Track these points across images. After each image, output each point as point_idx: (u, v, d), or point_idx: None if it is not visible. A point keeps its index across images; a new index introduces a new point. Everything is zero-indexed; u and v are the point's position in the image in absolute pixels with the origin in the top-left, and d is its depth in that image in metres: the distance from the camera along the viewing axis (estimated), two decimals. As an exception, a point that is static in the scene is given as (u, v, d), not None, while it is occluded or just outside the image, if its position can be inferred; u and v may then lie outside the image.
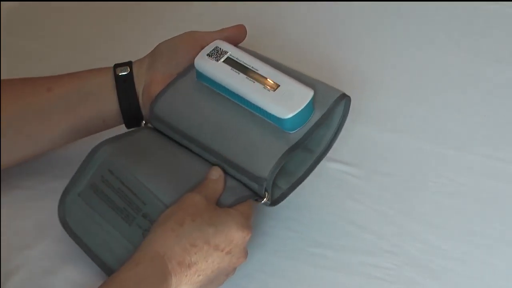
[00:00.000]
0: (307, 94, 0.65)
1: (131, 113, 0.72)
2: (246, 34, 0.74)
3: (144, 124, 0.72)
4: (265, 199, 0.66)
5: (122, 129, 0.73)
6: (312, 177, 0.74)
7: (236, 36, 0.73)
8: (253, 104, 0.66)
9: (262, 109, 0.65)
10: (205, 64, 0.68)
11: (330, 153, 0.80)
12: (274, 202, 0.68)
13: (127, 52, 0.93)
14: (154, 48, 0.73)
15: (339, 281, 0.69)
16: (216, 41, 0.70)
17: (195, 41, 0.71)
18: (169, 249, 0.59)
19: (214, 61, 0.67)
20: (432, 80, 0.90)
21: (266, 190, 0.65)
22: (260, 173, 0.64)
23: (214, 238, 0.61)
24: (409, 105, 0.86)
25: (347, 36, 0.96)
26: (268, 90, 0.65)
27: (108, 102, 0.72)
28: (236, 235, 0.62)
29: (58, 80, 0.73)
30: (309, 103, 0.65)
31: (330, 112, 0.68)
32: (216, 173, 0.65)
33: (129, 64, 0.73)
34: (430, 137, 0.83)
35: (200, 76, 0.69)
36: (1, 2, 0.98)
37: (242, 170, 0.65)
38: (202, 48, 0.70)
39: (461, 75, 0.90)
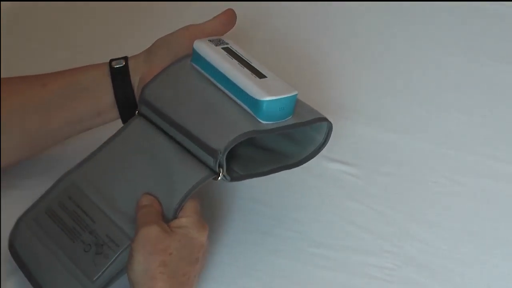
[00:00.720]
0: (291, 90, 0.66)
1: (127, 106, 0.72)
2: (236, 17, 0.75)
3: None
4: (221, 175, 0.64)
5: (118, 124, 0.73)
6: (312, 177, 0.74)
7: (229, 20, 0.74)
8: (237, 86, 0.66)
9: (243, 91, 0.66)
10: (204, 46, 0.69)
11: (330, 153, 0.80)
12: (233, 178, 0.67)
13: (127, 52, 0.93)
14: (152, 44, 0.74)
15: (339, 281, 0.69)
16: (222, 36, 0.72)
17: (190, 34, 0.72)
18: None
19: (213, 45, 0.69)
20: (432, 80, 0.90)
21: (220, 165, 0.64)
22: (216, 146, 0.63)
23: (192, 257, 0.62)
24: (409, 105, 0.86)
25: (347, 36, 0.96)
26: (255, 77, 0.66)
27: (104, 95, 0.72)
28: (201, 241, 0.63)
29: (53, 75, 0.73)
30: (289, 99, 0.65)
31: (309, 124, 0.67)
32: (146, 199, 0.64)
33: (124, 58, 0.73)
34: (430, 137, 0.83)
35: (196, 57, 0.70)
36: (1, 2, 0.98)
37: (201, 143, 0.65)
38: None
39: (461, 75, 0.90)
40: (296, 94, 0.66)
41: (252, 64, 0.68)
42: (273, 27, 0.97)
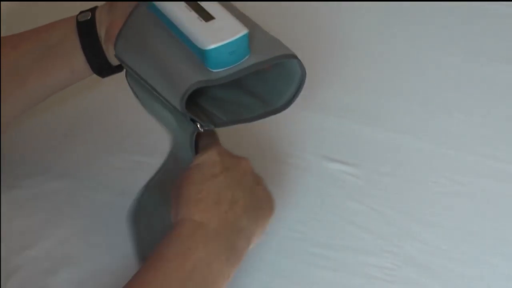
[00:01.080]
0: (238, 30, 0.61)
1: (97, 60, 0.70)
2: None
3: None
4: (199, 127, 0.63)
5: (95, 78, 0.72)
6: (312, 177, 0.74)
7: None
8: (183, 34, 0.62)
9: (189, 39, 0.62)
10: None
11: (330, 153, 0.80)
12: (217, 125, 0.66)
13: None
14: None
15: (339, 281, 0.69)
16: None
17: None
18: (184, 212, 0.60)
19: None
20: (432, 80, 0.90)
21: (193, 120, 0.63)
22: (175, 104, 0.62)
23: (202, 175, 0.62)
24: (409, 105, 0.86)
25: (347, 36, 0.96)
26: (201, 20, 0.61)
27: (73, 51, 0.70)
28: (208, 157, 0.63)
29: (23, 36, 0.72)
30: (238, 41, 0.61)
31: (270, 62, 0.63)
32: None
33: (92, 10, 0.71)
34: (430, 137, 0.83)
35: (150, 5, 0.66)
36: (1, 2, 0.98)
37: (166, 100, 0.63)
38: None
39: (461, 75, 0.90)
40: (247, 33, 0.61)
41: (202, 4, 0.63)
42: (273, 27, 0.97)
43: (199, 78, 0.60)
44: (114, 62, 0.70)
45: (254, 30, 0.65)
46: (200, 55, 0.61)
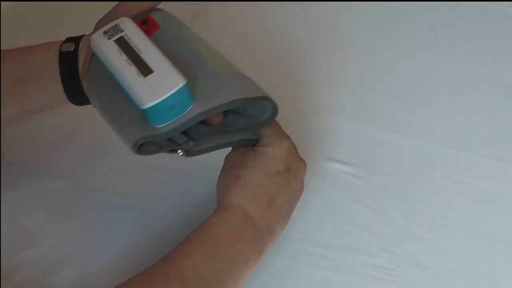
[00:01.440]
0: (176, 83, 0.60)
1: (74, 91, 0.70)
2: None
3: None
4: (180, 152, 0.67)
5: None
6: (312, 177, 0.74)
7: None
8: (125, 90, 0.62)
9: (129, 96, 0.62)
10: (97, 42, 0.64)
11: (330, 153, 0.80)
12: (188, 154, 0.67)
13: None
14: (95, 24, 0.71)
15: (339, 281, 0.69)
16: (121, 18, 0.66)
17: (123, 12, 0.68)
18: (241, 198, 0.64)
19: (106, 39, 0.64)
20: (432, 80, 0.90)
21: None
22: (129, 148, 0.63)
23: (268, 167, 0.65)
24: (409, 105, 0.86)
25: (347, 36, 0.96)
26: (139, 75, 0.60)
27: (52, 78, 0.70)
28: (280, 154, 0.66)
29: (7, 54, 0.72)
30: (177, 94, 0.60)
31: (213, 112, 0.62)
32: None
33: (77, 40, 0.70)
34: (430, 137, 0.83)
35: (94, 53, 0.66)
36: (1, 2, 0.98)
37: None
38: (131, 16, 0.67)
39: (461, 75, 0.90)
40: (185, 84, 0.60)
41: (142, 56, 0.62)
42: (273, 27, 0.97)
43: (142, 134, 0.61)
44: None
45: (202, 70, 0.64)
46: (141, 113, 0.61)
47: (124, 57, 0.62)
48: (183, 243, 0.62)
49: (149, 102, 0.59)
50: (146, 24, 0.68)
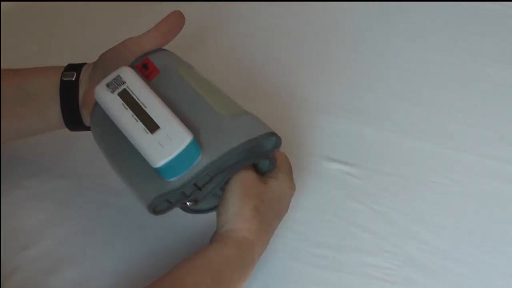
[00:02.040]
0: (183, 140, 0.61)
1: (72, 119, 0.71)
2: (184, 20, 0.70)
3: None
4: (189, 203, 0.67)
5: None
6: (312, 177, 0.74)
7: (172, 27, 0.70)
8: (134, 145, 0.64)
9: (140, 152, 0.63)
10: (101, 95, 0.65)
11: (330, 153, 0.80)
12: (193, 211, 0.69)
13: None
14: (98, 58, 0.71)
15: (339, 281, 0.69)
16: (121, 68, 0.67)
17: (129, 51, 0.70)
18: (256, 235, 0.64)
19: (109, 93, 0.65)
20: (432, 80, 0.90)
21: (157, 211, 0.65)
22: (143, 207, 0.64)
23: (282, 208, 0.67)
24: (409, 105, 0.86)
25: (347, 36, 0.96)
26: (147, 132, 0.62)
27: (51, 104, 0.70)
28: (290, 196, 0.68)
29: (8, 74, 0.72)
30: (186, 150, 0.61)
31: (223, 158, 0.63)
32: None
33: (78, 68, 0.71)
34: (430, 137, 0.83)
35: (99, 105, 0.67)
36: (1, 2, 0.98)
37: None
38: (136, 56, 0.69)
39: (461, 75, 0.90)
40: (192, 140, 0.61)
41: (147, 110, 0.63)
42: (273, 27, 0.97)
43: (156, 193, 0.62)
44: (87, 123, 0.71)
45: (206, 116, 0.65)
46: (152, 168, 0.62)
47: (129, 112, 0.63)
48: (187, 262, 0.62)
49: (159, 161, 0.61)
50: (146, 69, 0.69)
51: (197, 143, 0.62)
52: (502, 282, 0.70)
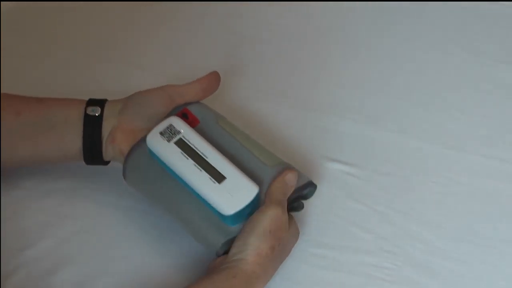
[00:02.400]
0: (252, 191, 0.65)
1: (92, 153, 0.71)
2: (220, 80, 0.74)
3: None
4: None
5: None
6: (313, 177, 0.74)
7: (211, 84, 0.74)
8: (197, 193, 0.66)
9: (206, 201, 0.66)
10: (156, 144, 0.68)
11: (330, 153, 0.80)
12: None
13: (127, 53, 0.93)
14: (129, 96, 0.72)
15: (339, 281, 0.69)
16: (171, 117, 0.69)
17: (168, 96, 0.71)
18: (264, 273, 0.65)
19: (165, 142, 0.67)
20: (432, 80, 0.90)
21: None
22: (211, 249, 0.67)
23: (286, 254, 0.69)
24: (409, 105, 0.86)
25: (347, 36, 0.96)
26: (214, 182, 0.65)
27: (72, 137, 0.71)
28: (295, 241, 0.70)
29: (28, 103, 0.72)
30: (253, 201, 0.65)
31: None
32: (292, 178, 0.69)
33: (102, 103, 0.72)
34: (430, 137, 0.83)
35: (152, 153, 0.69)
36: (1, 2, 0.98)
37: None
38: (175, 103, 0.71)
39: (461, 75, 0.90)
40: (258, 191, 0.65)
41: (208, 160, 0.66)
42: (274, 27, 0.97)
43: (224, 238, 0.65)
44: (108, 158, 0.72)
45: (255, 165, 0.69)
46: (219, 215, 0.65)
47: (190, 161, 0.66)
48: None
49: (231, 210, 0.64)
50: (186, 118, 0.71)
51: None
52: (502, 282, 0.70)
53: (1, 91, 0.73)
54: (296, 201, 0.71)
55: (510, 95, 0.88)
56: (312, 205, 0.75)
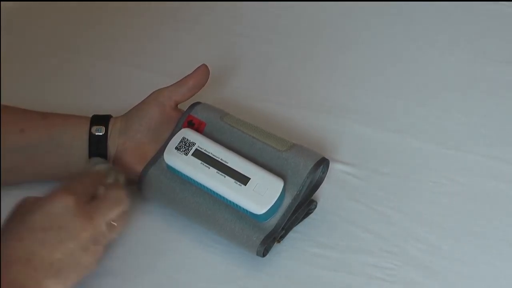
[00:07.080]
0: (278, 185, 0.67)
1: None
2: (209, 73, 0.75)
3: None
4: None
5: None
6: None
7: (198, 80, 0.75)
8: (226, 199, 0.68)
9: (236, 204, 0.68)
10: (175, 159, 0.69)
11: (330, 153, 0.80)
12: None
13: (127, 53, 0.93)
14: (128, 113, 0.74)
15: (339, 281, 0.69)
16: (182, 130, 0.71)
17: (161, 104, 0.73)
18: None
19: (183, 155, 0.69)
20: (432, 80, 0.90)
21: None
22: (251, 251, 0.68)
23: (35, 222, 0.61)
24: (409, 105, 0.86)
25: (347, 36, 0.96)
26: (239, 185, 0.67)
27: (77, 157, 0.72)
28: (52, 208, 0.62)
29: (32, 122, 0.73)
30: (281, 194, 0.67)
31: (302, 189, 0.69)
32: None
33: (105, 121, 0.73)
34: (430, 137, 0.83)
35: (172, 169, 0.70)
36: (1, 2, 0.98)
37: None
38: (169, 107, 0.73)
39: (461, 75, 0.90)
40: (283, 185, 0.67)
41: (229, 165, 0.68)
42: (274, 27, 0.97)
43: (263, 234, 0.67)
44: None
45: (269, 155, 0.70)
46: (252, 215, 0.67)
47: (213, 170, 0.68)
48: None
49: (263, 208, 0.66)
50: (193, 125, 0.73)
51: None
52: (502, 282, 0.70)
53: (1, 91, 0.72)
54: (310, 203, 0.73)
55: (510, 95, 0.88)
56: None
